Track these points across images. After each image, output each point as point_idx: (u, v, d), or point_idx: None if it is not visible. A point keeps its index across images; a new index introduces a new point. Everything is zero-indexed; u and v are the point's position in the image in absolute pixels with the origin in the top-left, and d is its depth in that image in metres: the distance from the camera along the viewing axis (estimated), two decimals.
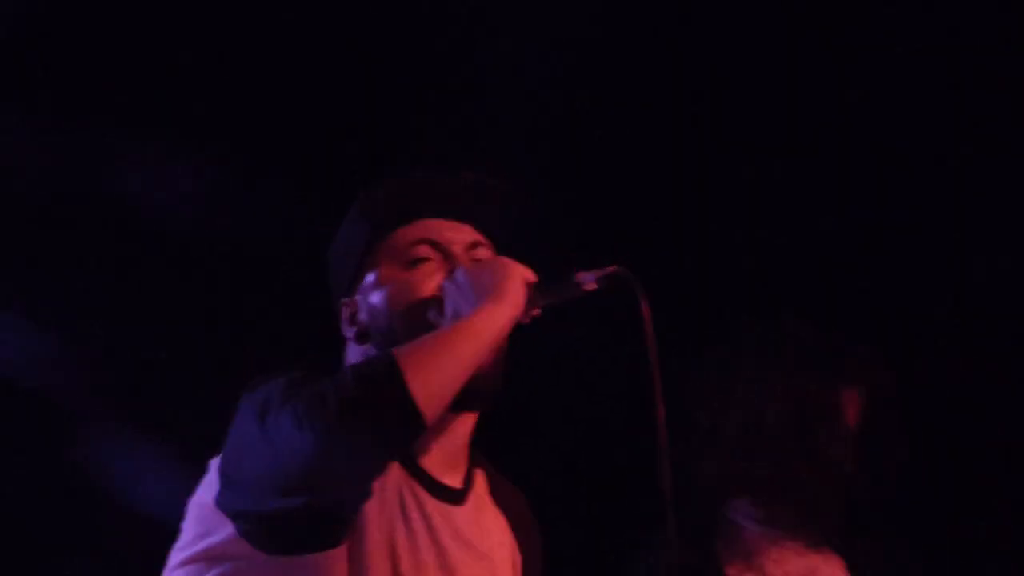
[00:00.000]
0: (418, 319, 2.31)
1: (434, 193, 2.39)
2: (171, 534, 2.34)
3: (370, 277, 2.38)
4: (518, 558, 2.46)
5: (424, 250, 2.36)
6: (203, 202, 3.76)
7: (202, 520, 2.27)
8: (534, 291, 2.28)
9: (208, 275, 3.82)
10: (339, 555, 2.21)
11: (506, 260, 2.30)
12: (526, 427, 3.64)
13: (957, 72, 3.88)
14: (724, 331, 3.21)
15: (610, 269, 2.27)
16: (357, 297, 2.39)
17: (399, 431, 2.13)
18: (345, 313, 2.41)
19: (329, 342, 2.46)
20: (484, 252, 2.39)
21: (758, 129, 3.98)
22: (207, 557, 2.24)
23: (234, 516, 2.22)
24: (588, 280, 2.27)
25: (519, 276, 2.27)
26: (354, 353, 2.39)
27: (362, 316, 2.38)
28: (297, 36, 3.88)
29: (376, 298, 2.36)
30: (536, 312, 2.30)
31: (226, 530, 2.23)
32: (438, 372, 2.14)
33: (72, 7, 3.77)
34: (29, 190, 3.72)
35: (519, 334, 2.29)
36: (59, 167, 3.73)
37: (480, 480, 2.44)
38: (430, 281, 2.33)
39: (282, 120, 3.86)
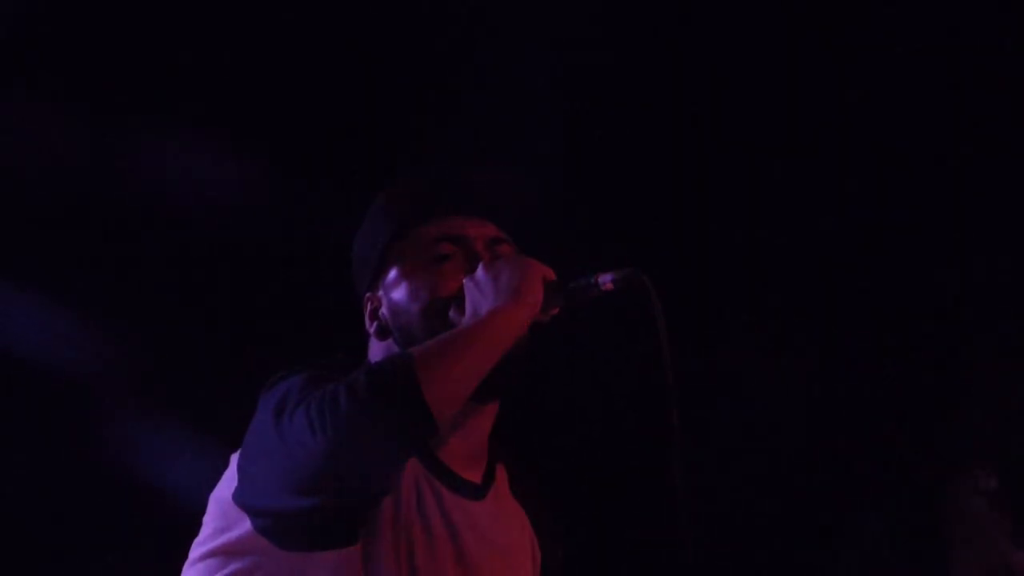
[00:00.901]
0: (438, 317, 2.30)
1: (457, 190, 2.39)
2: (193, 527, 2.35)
3: (392, 273, 2.37)
4: (538, 554, 2.46)
5: (446, 247, 2.35)
6: (203, 201, 3.76)
7: (222, 515, 2.27)
8: (553, 290, 2.28)
9: (209, 273, 3.81)
10: (355, 551, 2.21)
11: (526, 259, 2.30)
12: (539, 425, 3.64)
13: (957, 72, 3.88)
14: (724, 331, 3.21)
15: (627, 270, 2.27)
16: (379, 293, 2.38)
17: (410, 432, 2.13)
18: (367, 308, 2.40)
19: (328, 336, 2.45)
20: (506, 249, 2.38)
21: (758, 129, 3.98)
22: (226, 551, 2.24)
23: (251, 512, 2.23)
24: (606, 281, 2.27)
25: (538, 275, 2.27)
26: (376, 349, 2.38)
27: (383, 312, 2.37)
28: (297, 36, 3.87)
29: (398, 294, 2.35)
30: (555, 311, 2.31)
31: (244, 525, 2.23)
32: (451, 373, 2.14)
33: (72, 6, 3.76)
34: (35, 188, 3.71)
35: (539, 332, 2.29)
36: (60, 166, 3.73)
37: (501, 475, 2.43)
38: (452, 279, 2.32)
39: (283, 120, 3.86)
